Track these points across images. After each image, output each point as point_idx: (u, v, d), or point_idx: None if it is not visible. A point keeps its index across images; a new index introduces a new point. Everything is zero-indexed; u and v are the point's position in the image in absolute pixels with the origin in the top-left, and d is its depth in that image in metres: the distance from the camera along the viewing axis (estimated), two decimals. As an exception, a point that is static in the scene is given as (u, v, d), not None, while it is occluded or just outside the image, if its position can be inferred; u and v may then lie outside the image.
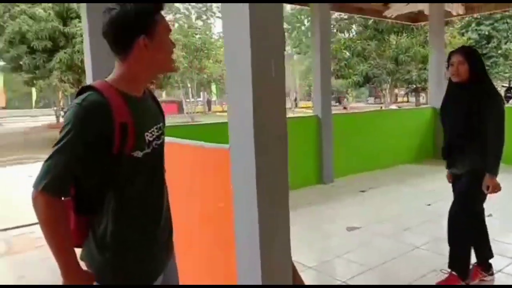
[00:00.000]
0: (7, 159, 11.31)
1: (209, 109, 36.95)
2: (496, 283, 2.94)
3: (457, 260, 2.82)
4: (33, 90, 26.01)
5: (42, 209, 1.26)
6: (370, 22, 15.76)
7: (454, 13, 8.91)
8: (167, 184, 1.60)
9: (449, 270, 2.85)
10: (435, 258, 3.38)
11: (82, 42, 13.28)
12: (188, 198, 2.62)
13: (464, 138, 2.71)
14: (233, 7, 1.98)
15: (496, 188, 2.62)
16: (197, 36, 22.36)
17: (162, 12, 1.42)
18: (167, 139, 1.62)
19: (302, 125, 6.28)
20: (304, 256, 3.50)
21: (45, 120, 25.50)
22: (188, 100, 27.86)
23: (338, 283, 3.06)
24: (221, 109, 32.63)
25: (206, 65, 22.70)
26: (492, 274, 2.94)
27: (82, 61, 12.99)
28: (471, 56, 2.74)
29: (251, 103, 1.92)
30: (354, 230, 4.19)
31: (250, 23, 1.90)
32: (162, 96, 32.59)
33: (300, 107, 39.39)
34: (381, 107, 19.73)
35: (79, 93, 1.35)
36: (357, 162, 6.80)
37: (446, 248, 2.90)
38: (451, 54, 2.82)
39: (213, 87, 34.92)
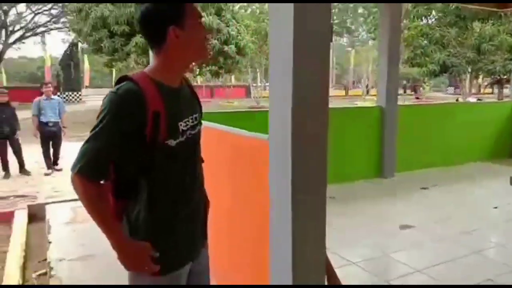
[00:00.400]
0: (84, 135, 12.33)
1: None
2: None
3: None
4: (113, 71, 27.77)
5: (79, 190, 1.33)
6: (452, 7, 14.57)
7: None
8: (203, 173, 1.63)
9: None
10: (492, 266, 3.12)
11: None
12: (224, 186, 2.65)
13: None
14: (279, 6, 1.95)
15: None
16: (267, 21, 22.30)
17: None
18: (211, 124, 1.64)
19: (364, 116, 6.04)
20: (349, 251, 3.42)
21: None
22: (255, 84, 28.05)
23: (379, 282, 2.95)
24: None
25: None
26: None
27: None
28: None
29: (291, 99, 1.88)
30: (407, 228, 3.99)
31: (294, 23, 1.86)
32: (231, 80, 33.14)
33: (372, 95, 38.07)
34: (457, 99, 18.27)
35: (117, 83, 1.41)
36: (422, 157, 6.42)
37: (505, 256, 2.66)
38: None
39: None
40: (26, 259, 3.88)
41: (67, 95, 29.80)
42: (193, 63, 1.45)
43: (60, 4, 20.86)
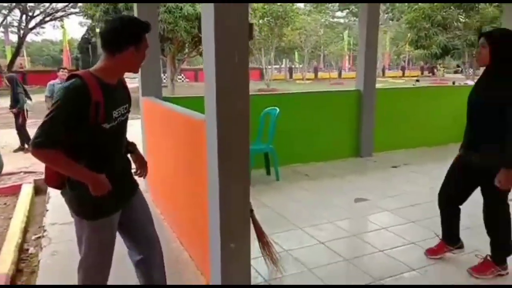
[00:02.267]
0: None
1: (291, 77, 37.11)
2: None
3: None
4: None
5: (44, 158, 1.82)
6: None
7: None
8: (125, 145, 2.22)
9: (483, 255, 2.94)
10: (420, 233, 3.55)
11: (164, 12, 14.07)
12: (169, 157, 3.14)
13: None
14: (205, 6, 2.38)
15: None
16: (278, 4, 22.36)
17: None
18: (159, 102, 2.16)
19: (344, 99, 6.38)
20: (297, 217, 3.90)
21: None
22: (269, 67, 28.28)
23: (316, 243, 3.40)
24: (301, 77, 32.58)
25: (285, 33, 22.76)
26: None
27: (164, 30, 14.04)
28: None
29: (214, 79, 2.31)
30: (360, 202, 4.42)
31: (215, 20, 2.28)
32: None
33: (387, 76, 37.71)
34: (454, 82, 18.16)
35: (68, 79, 1.89)
36: (400, 138, 6.77)
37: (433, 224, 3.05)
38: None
39: (296, 55, 34.88)
40: (27, 225, 4.49)
41: (85, 78, 30.65)
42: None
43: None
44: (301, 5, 27.46)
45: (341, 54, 36.79)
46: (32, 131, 8.26)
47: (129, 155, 2.27)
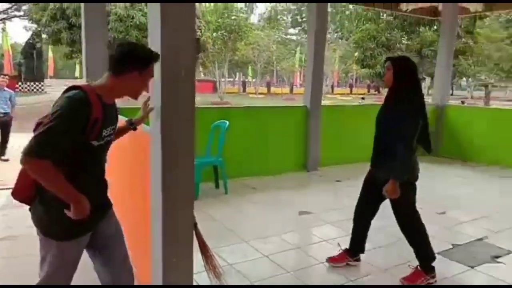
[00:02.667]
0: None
1: (244, 90, 37.53)
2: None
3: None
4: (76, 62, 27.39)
5: (35, 168, 1.68)
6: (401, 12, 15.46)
7: (472, 10, 8.76)
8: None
9: (414, 266, 3.15)
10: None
11: (115, 20, 13.92)
12: (121, 167, 3.10)
13: None
14: (151, 18, 2.40)
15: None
16: (233, 17, 22.71)
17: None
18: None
19: (291, 115, 6.60)
20: (243, 231, 3.96)
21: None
22: (223, 80, 28.41)
23: (260, 256, 3.47)
24: (255, 91, 33.03)
25: (238, 47, 23.06)
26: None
27: (114, 39, 13.80)
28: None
29: (160, 95, 2.33)
30: (304, 214, 4.56)
31: (161, 33, 2.31)
32: (200, 75, 33.36)
33: (336, 93, 39.10)
34: None
35: (69, 90, 1.83)
36: (345, 153, 7.07)
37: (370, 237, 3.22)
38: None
39: (249, 69, 35.34)
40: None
41: (28, 85, 29.18)
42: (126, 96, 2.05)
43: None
44: (255, 20, 28.02)
45: (293, 70, 37.75)
46: None
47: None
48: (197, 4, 17.29)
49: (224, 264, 3.21)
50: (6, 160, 7.72)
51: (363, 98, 19.15)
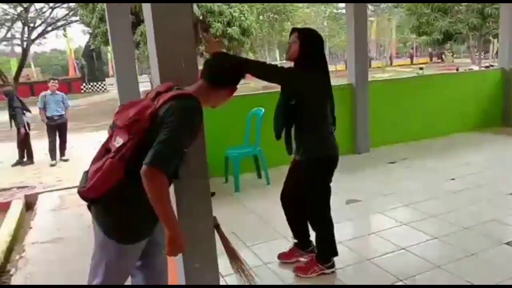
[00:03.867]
0: (100, 125, 12.93)
1: (296, 71, 36.70)
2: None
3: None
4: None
5: (156, 182, 1.57)
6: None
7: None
8: None
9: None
10: (415, 235, 3.32)
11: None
12: None
13: None
14: (145, 12, 2.20)
15: None
16: (278, -2, 22.09)
17: None
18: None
19: (336, 94, 6.11)
20: (282, 224, 3.67)
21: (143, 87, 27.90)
22: (274, 63, 28.00)
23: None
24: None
25: (285, 28, 22.49)
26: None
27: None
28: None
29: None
30: (352, 203, 4.20)
31: (153, 24, 2.12)
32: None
33: (395, 65, 37.03)
34: (457, 68, 17.63)
35: (181, 96, 1.75)
36: (399, 132, 6.52)
37: (431, 226, 2.84)
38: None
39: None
40: (13, 244, 4.39)
41: (91, 86, 30.90)
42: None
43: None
44: (301, -2, 27.05)
45: (346, 45, 36.25)
46: (38, 144, 8.37)
47: None
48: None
49: (258, 264, 3.00)
50: (66, 160, 8.09)
51: (421, 69, 17.82)
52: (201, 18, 14.58)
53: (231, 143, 5.10)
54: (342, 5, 44.01)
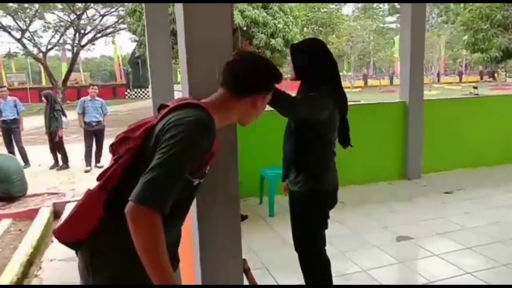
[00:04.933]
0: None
1: (339, 85, 36.04)
2: None
3: None
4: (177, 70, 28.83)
5: (146, 225, 1.13)
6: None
7: None
8: None
9: None
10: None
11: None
12: None
13: None
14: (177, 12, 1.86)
15: None
16: (323, 10, 21.71)
17: None
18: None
19: (386, 113, 5.62)
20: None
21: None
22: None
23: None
24: (350, 85, 31.40)
25: (330, 40, 21.98)
26: None
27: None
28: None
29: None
30: (404, 240, 3.65)
31: (184, 25, 1.77)
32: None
33: (442, 82, 35.49)
34: None
35: (184, 106, 1.31)
36: (453, 157, 5.86)
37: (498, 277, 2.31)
38: None
39: (344, 63, 33.84)
40: (34, 256, 4.16)
41: (135, 92, 31.64)
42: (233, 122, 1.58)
43: (125, 5, 22.08)
44: (348, 10, 26.55)
45: (392, 60, 35.20)
46: (76, 148, 8.35)
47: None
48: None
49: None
50: (101, 167, 7.99)
51: (475, 88, 16.67)
52: (245, 28, 14.40)
53: (268, 161, 4.68)
54: (389, 19, 43.10)
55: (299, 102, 2.13)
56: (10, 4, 23.52)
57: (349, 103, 2.38)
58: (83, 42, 27.02)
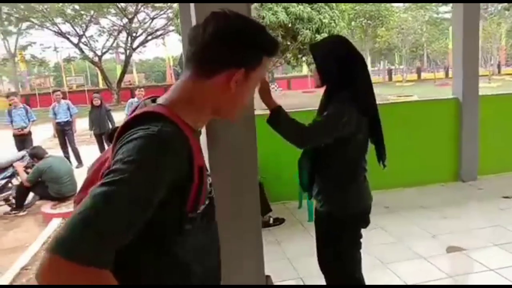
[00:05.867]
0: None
1: (390, 79, 34.80)
2: None
3: None
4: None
5: (86, 281, 0.76)
6: None
7: None
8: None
9: None
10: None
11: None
12: None
13: None
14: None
15: None
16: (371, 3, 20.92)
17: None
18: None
19: (438, 110, 5.22)
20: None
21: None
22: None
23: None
24: (401, 79, 30.11)
25: (379, 33, 21.16)
26: None
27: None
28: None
29: None
30: (454, 251, 3.33)
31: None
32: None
33: (503, 74, 33.14)
34: None
35: (140, 119, 0.91)
36: (515, 157, 5.34)
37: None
38: None
39: (395, 56, 32.56)
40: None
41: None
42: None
43: (173, 7, 22.61)
44: (398, 2, 25.37)
45: (446, 51, 33.35)
46: None
47: None
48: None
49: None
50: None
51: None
52: (290, 25, 14.17)
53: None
54: (443, 9, 40.73)
55: (307, 130, 1.82)
56: (68, 12, 24.87)
57: (399, 99, 2.10)
58: (135, 44, 27.99)
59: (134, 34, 27.28)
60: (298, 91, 31.15)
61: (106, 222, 0.78)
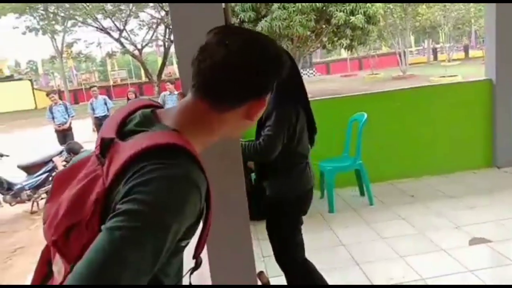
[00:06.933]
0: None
1: (435, 58, 33.16)
2: None
3: None
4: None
5: None
6: None
7: None
8: None
9: None
10: None
11: (278, 8, 13.93)
12: None
13: None
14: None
15: None
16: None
17: None
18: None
19: (469, 93, 4.94)
20: (377, 270, 2.92)
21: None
22: (410, 49, 25.51)
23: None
24: (446, 58, 28.55)
25: (419, 12, 20.17)
26: None
27: (280, 28, 13.68)
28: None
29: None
30: (478, 244, 3.16)
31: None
32: (382, 49, 30.92)
33: None
34: None
35: (159, 148, 0.77)
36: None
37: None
38: None
39: (440, 34, 30.89)
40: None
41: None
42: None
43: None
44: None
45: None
46: None
47: None
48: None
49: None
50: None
51: None
52: (323, 8, 13.84)
53: (328, 153, 4.42)
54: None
55: (261, 146, 2.04)
56: (109, 7, 25.65)
57: (442, 80, 2.16)
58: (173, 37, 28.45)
59: (171, 27, 27.71)
60: (337, 75, 30.54)
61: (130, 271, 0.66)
